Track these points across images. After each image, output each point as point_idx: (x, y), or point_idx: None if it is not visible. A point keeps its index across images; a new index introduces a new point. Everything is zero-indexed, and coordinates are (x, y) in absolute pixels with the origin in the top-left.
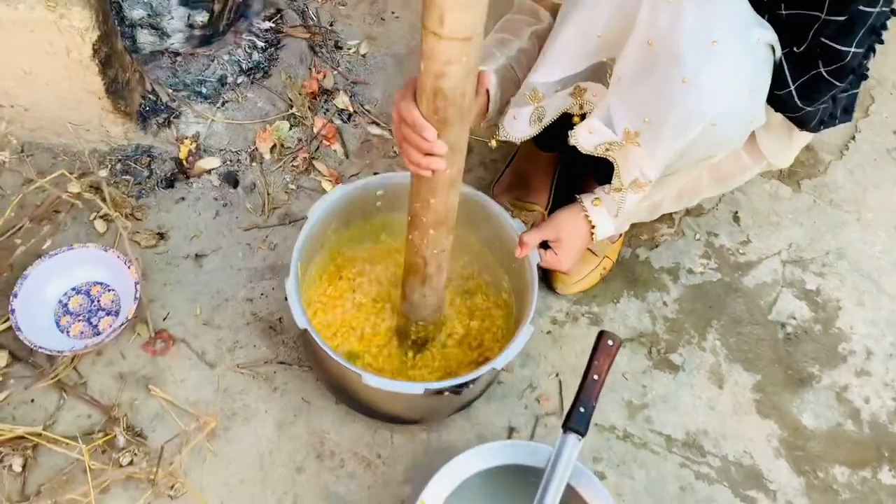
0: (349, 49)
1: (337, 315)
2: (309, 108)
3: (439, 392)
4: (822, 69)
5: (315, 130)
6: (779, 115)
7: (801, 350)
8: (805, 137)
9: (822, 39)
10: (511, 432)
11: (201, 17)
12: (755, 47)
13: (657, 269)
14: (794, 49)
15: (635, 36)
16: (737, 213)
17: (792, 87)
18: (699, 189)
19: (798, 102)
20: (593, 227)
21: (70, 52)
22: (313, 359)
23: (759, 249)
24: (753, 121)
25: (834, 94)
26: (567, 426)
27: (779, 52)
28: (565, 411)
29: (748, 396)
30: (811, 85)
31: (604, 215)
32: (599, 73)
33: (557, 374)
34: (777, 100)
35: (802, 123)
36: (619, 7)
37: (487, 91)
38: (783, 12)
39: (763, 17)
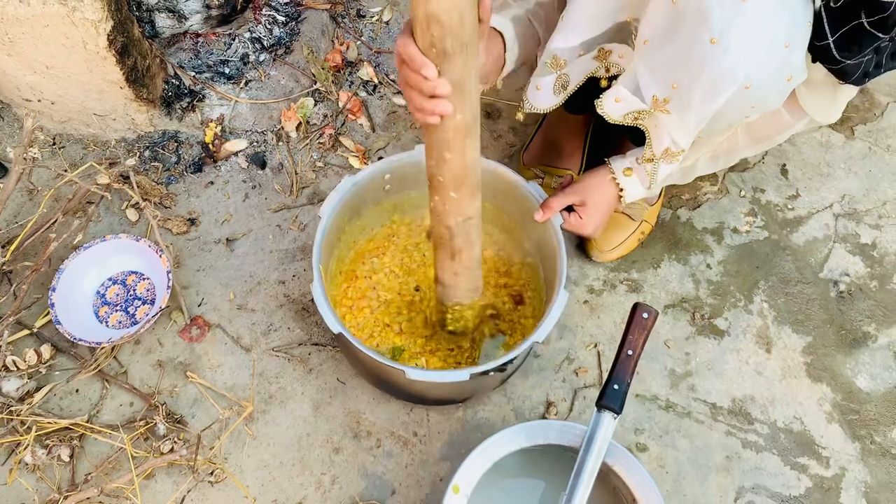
0: (372, 17)
1: (367, 316)
2: (333, 81)
3: (485, 373)
4: (864, 20)
5: (340, 105)
6: (822, 69)
7: (856, 308)
8: (851, 90)
9: None
10: (549, 406)
11: None
12: None
13: (700, 231)
14: (832, 3)
15: None
16: (784, 165)
17: (830, 40)
18: (734, 149)
19: (837, 55)
20: (622, 190)
21: (86, 45)
22: (352, 359)
23: (809, 203)
24: (792, 77)
25: (877, 45)
26: (601, 404)
27: (819, 1)
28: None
29: (798, 360)
30: (852, 37)
31: (635, 183)
32: (623, 33)
33: (596, 345)
34: (816, 50)
35: (844, 75)
36: None
37: (503, 38)
38: None
39: None
